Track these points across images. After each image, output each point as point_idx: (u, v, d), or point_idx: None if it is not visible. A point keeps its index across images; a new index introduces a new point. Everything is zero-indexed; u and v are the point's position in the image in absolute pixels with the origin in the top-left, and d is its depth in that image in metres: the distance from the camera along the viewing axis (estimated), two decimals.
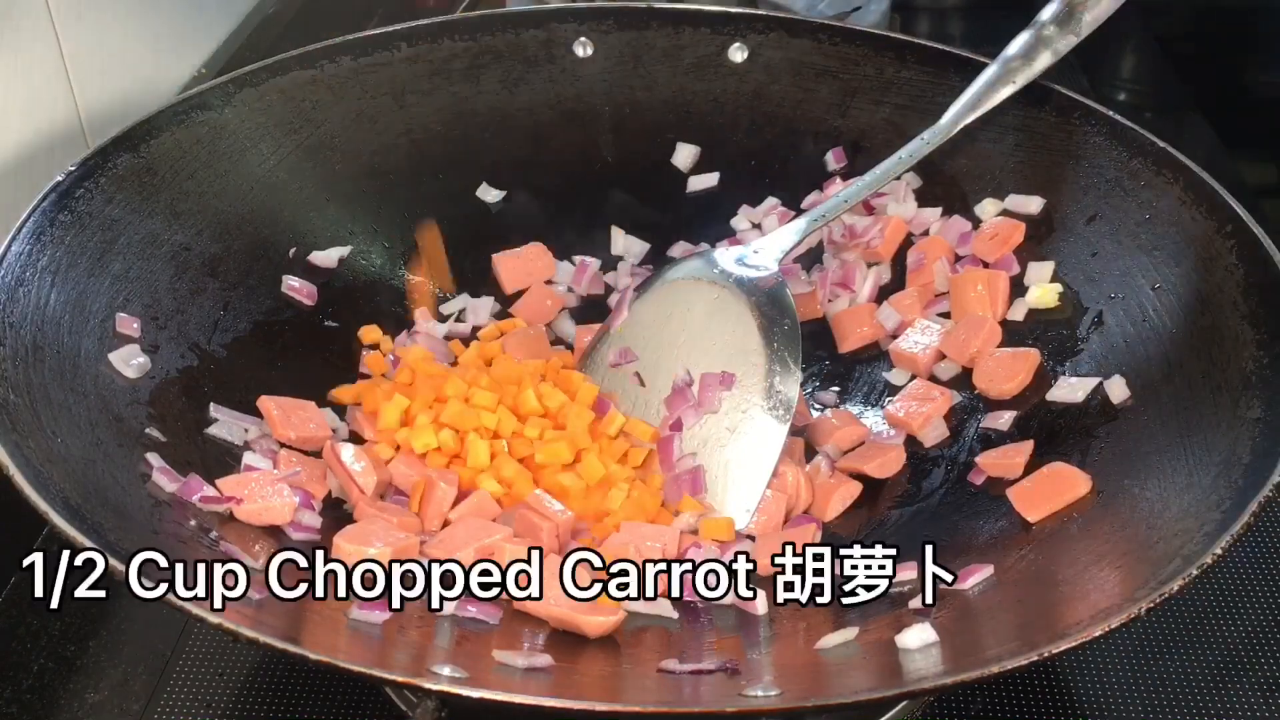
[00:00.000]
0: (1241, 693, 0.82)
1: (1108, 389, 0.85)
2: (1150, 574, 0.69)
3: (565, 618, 0.74)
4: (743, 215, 1.05)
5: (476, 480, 0.84)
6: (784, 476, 0.87)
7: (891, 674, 0.70)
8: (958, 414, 0.91)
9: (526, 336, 0.97)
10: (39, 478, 0.69)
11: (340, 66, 1.01)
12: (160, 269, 0.89)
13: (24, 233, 0.83)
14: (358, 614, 0.72)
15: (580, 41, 1.06)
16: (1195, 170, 0.89)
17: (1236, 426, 0.76)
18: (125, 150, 0.91)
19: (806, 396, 0.95)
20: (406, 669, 0.69)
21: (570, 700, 0.64)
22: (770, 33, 1.06)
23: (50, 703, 0.81)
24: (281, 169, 0.98)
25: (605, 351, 0.93)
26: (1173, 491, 0.76)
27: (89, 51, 1.10)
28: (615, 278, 1.04)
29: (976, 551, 0.79)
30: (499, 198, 1.05)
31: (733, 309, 0.90)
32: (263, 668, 0.83)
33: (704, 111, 1.07)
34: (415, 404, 0.87)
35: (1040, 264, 0.94)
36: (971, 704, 0.82)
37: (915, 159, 0.95)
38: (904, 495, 0.88)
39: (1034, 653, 0.64)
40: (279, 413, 0.86)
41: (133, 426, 0.80)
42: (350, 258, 1.00)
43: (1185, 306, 0.85)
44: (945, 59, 1.02)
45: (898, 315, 0.96)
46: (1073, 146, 0.96)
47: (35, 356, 0.78)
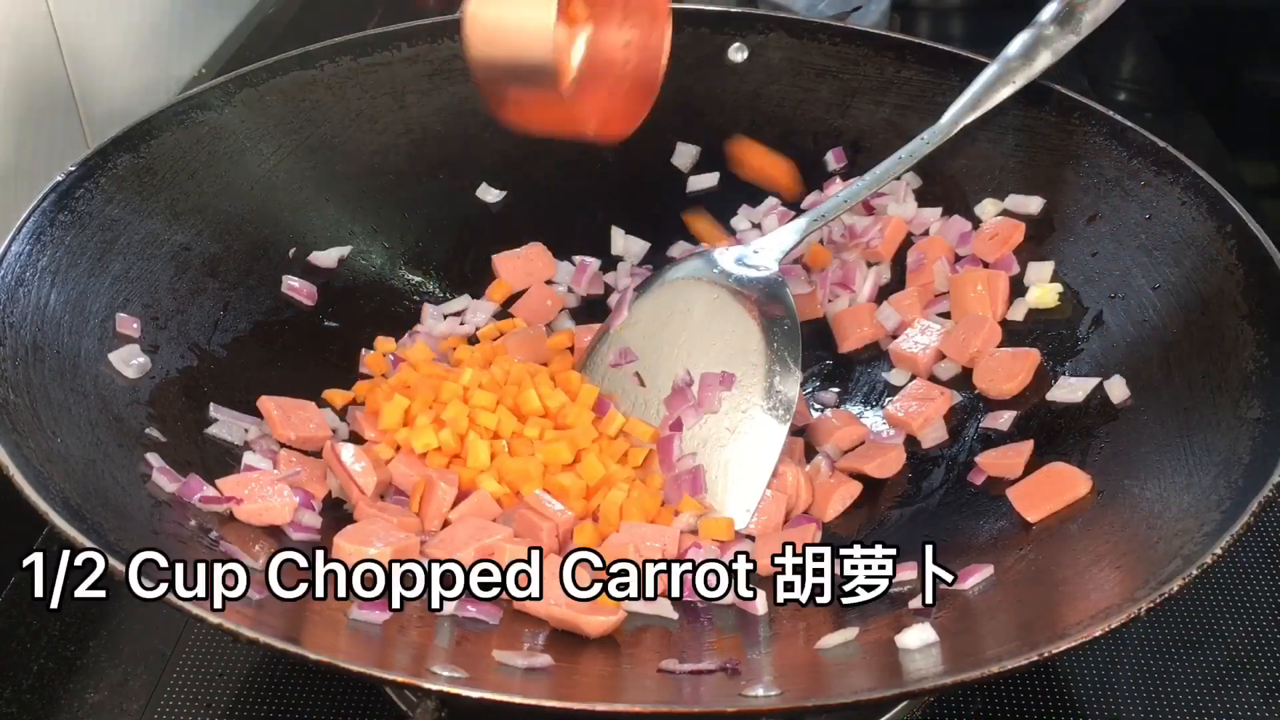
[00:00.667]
0: (1242, 693, 0.82)
1: (1108, 389, 0.85)
2: (1150, 574, 0.69)
3: (565, 618, 0.74)
4: (743, 215, 1.05)
5: (476, 480, 0.84)
6: (784, 476, 0.87)
7: (891, 674, 0.70)
8: (958, 414, 0.91)
9: (526, 336, 0.97)
10: (39, 478, 0.69)
11: (340, 66, 1.01)
12: (160, 269, 0.89)
13: (24, 233, 0.83)
14: (358, 614, 0.72)
15: None
16: (1195, 170, 0.89)
17: (1236, 426, 0.76)
18: (125, 150, 0.91)
19: (806, 396, 0.95)
20: (406, 669, 0.69)
21: (570, 700, 0.64)
22: (770, 33, 1.06)
23: (50, 703, 0.81)
24: (281, 169, 0.98)
25: (605, 351, 0.93)
26: (1173, 491, 0.76)
27: (89, 51, 1.10)
28: (615, 278, 1.04)
29: (976, 551, 0.79)
30: (499, 198, 1.05)
31: (733, 309, 0.90)
32: (263, 668, 0.83)
33: (704, 111, 1.07)
34: (415, 404, 0.88)
35: (1040, 264, 0.94)
36: (971, 704, 0.82)
37: (915, 159, 0.95)
38: (904, 495, 0.88)
39: (1034, 653, 0.64)
40: (279, 413, 0.86)
41: (133, 426, 0.80)
42: (350, 258, 1.00)
43: (1185, 306, 0.85)
44: (945, 59, 1.02)
45: (898, 315, 0.96)
46: (1073, 146, 0.96)
47: (35, 356, 0.78)
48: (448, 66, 1.04)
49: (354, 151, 1.01)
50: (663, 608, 0.78)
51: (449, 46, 1.04)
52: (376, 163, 1.02)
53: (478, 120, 1.05)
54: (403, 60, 1.03)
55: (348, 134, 1.01)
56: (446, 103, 1.04)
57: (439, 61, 1.04)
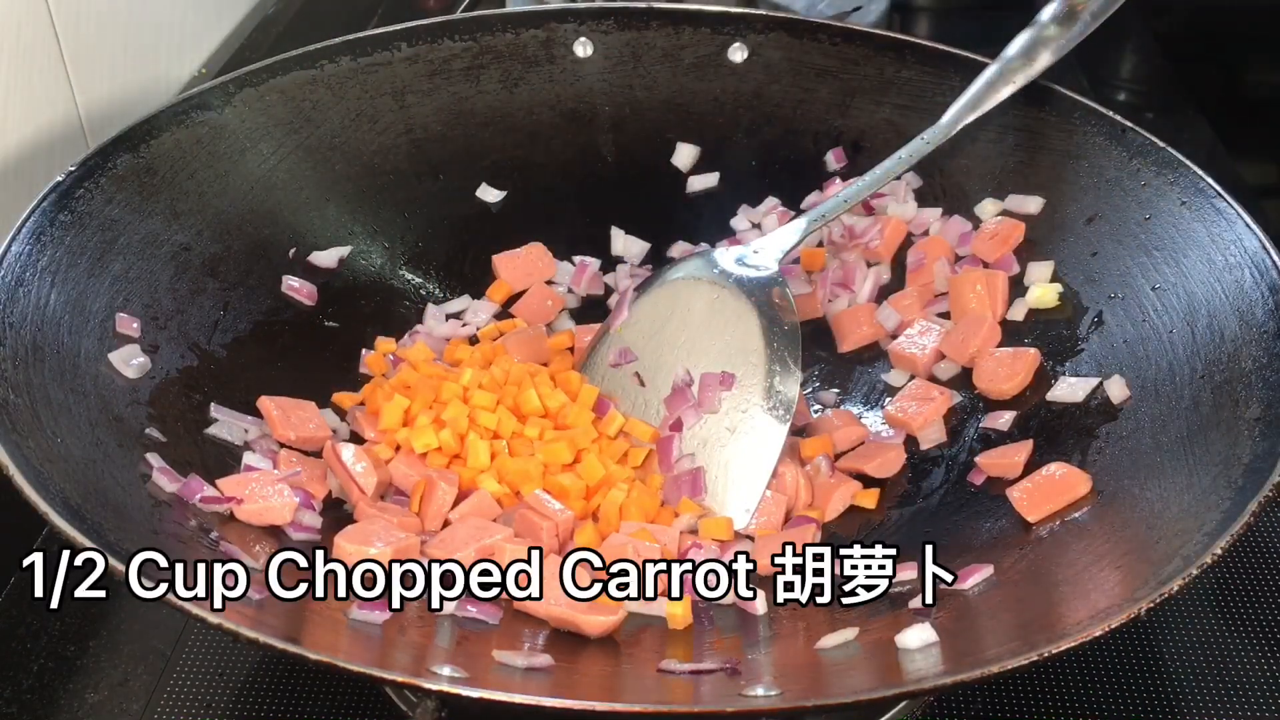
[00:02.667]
0: (1242, 693, 0.82)
1: (1108, 389, 0.86)
2: (1150, 574, 0.69)
3: (565, 617, 0.74)
4: (743, 215, 1.05)
5: (476, 480, 0.84)
6: (784, 476, 0.87)
7: (891, 674, 0.70)
8: (957, 414, 0.91)
9: (526, 336, 0.97)
10: (39, 478, 0.69)
11: (340, 66, 1.01)
12: (160, 269, 0.89)
13: (24, 233, 0.83)
14: (358, 614, 0.72)
15: (580, 41, 1.06)
16: (1195, 170, 0.89)
17: (1236, 426, 0.76)
18: (125, 150, 0.91)
19: (806, 396, 0.95)
20: (406, 669, 0.69)
21: (570, 700, 0.64)
22: (770, 33, 1.06)
23: (50, 703, 0.81)
24: (281, 169, 0.98)
25: (605, 351, 0.93)
26: (1173, 491, 0.76)
27: (89, 51, 1.10)
28: (615, 278, 1.04)
29: (976, 551, 0.79)
30: (499, 198, 1.05)
31: (733, 309, 0.90)
32: (263, 668, 0.83)
33: (704, 111, 1.07)
34: (415, 404, 0.88)
35: (1040, 264, 0.94)
36: (971, 704, 0.82)
37: (915, 159, 0.95)
38: (904, 495, 0.88)
39: (1034, 653, 0.64)
40: (279, 413, 0.86)
41: (133, 426, 0.80)
42: (350, 258, 1.00)
43: (1185, 306, 0.85)
44: (945, 59, 1.02)
45: (898, 315, 0.96)
46: (1073, 146, 0.96)
47: (35, 356, 0.78)
48: (448, 66, 1.04)
49: (354, 151, 1.01)
50: (663, 608, 0.78)
51: (449, 46, 1.04)
52: (376, 163, 1.02)
53: (478, 120, 1.05)
54: (403, 60, 1.03)
55: (348, 134, 1.01)
56: (446, 103, 1.04)
57: (439, 61, 1.04)
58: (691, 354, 0.90)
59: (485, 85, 1.05)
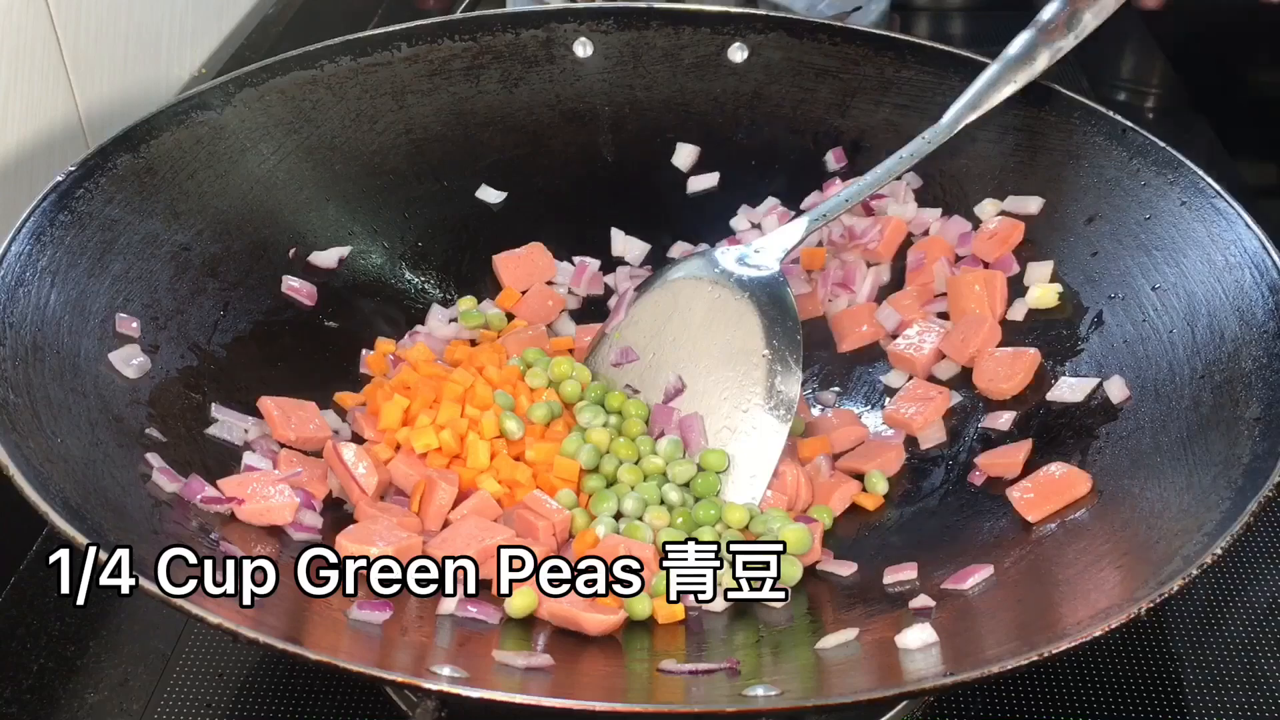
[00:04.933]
0: (1242, 693, 0.82)
1: (1108, 389, 0.86)
2: (1150, 574, 0.69)
3: (566, 616, 0.74)
4: (743, 215, 1.05)
5: (476, 480, 0.84)
6: (784, 476, 0.87)
7: (891, 674, 0.70)
8: (957, 414, 0.91)
9: (526, 337, 0.97)
10: (39, 478, 0.69)
11: (340, 66, 1.01)
12: (160, 269, 0.89)
13: (24, 233, 0.83)
14: (358, 614, 0.72)
15: (580, 41, 1.06)
16: (1195, 170, 0.89)
17: (1236, 426, 0.76)
18: (125, 150, 0.91)
19: (807, 396, 0.95)
20: (406, 669, 0.69)
21: (570, 700, 0.64)
22: (770, 33, 1.06)
23: (50, 703, 0.81)
24: (281, 169, 0.98)
25: (606, 351, 0.93)
26: (1173, 491, 0.76)
27: (89, 51, 1.11)
28: (615, 279, 1.04)
29: (976, 551, 0.79)
30: (499, 198, 1.05)
31: (733, 309, 0.90)
32: (263, 668, 0.83)
33: (704, 111, 1.07)
34: (415, 404, 0.88)
35: (1040, 264, 0.94)
36: (971, 704, 0.82)
37: (915, 159, 0.95)
38: (904, 495, 0.88)
39: (1034, 653, 0.64)
40: (279, 413, 0.86)
41: (133, 426, 0.80)
42: (350, 258, 1.00)
43: (1185, 306, 0.85)
44: (945, 59, 1.02)
45: (897, 315, 0.96)
46: (1073, 146, 0.96)
47: (35, 356, 0.78)
48: (447, 66, 1.04)
49: (354, 151, 1.02)
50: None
51: (449, 46, 1.04)
52: (376, 163, 1.02)
53: (478, 120, 1.05)
54: (403, 60, 1.03)
55: (348, 134, 1.01)
56: (446, 103, 1.04)
57: (439, 61, 1.04)
58: (692, 354, 0.90)
59: (485, 85, 1.05)
